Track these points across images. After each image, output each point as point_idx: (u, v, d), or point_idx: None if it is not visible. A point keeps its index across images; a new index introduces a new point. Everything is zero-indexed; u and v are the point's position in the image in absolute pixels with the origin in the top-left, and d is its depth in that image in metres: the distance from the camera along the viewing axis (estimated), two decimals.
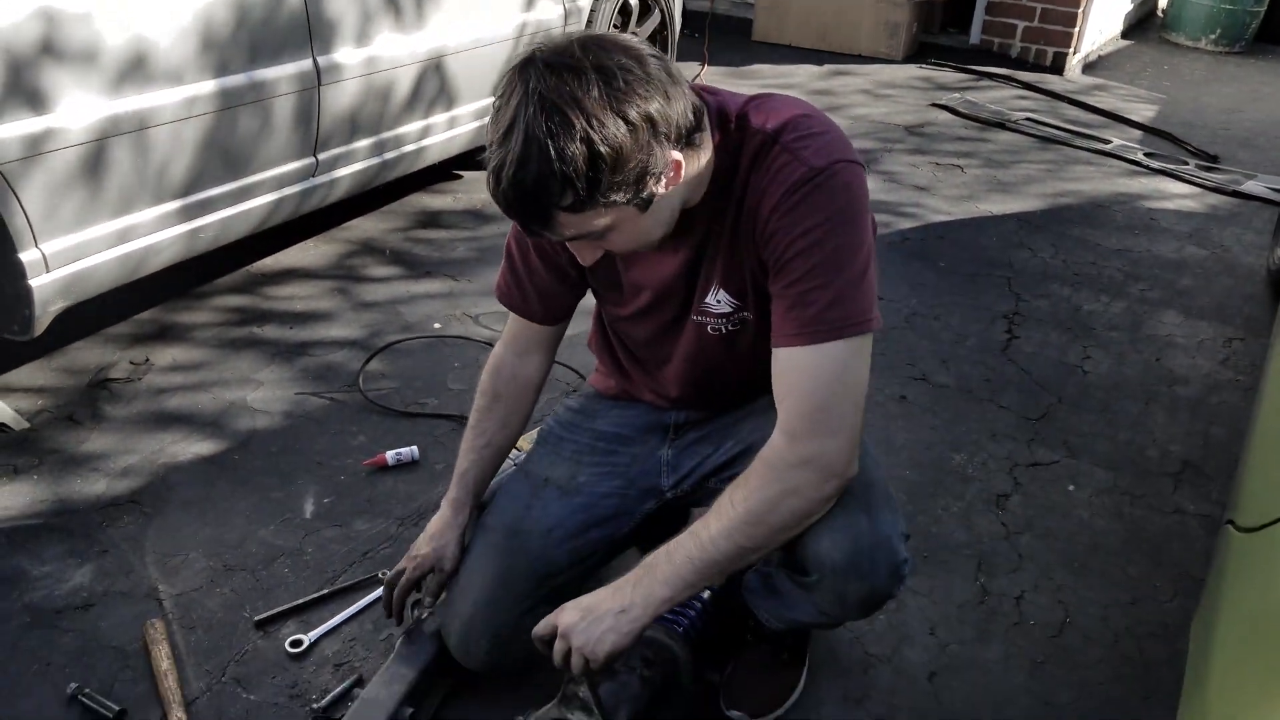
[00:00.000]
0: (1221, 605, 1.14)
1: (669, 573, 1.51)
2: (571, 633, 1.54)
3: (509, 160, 1.30)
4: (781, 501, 1.48)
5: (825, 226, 1.44)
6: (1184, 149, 5.50)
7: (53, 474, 2.53)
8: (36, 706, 1.90)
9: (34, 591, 2.17)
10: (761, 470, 1.49)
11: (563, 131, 1.27)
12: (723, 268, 1.59)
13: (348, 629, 2.10)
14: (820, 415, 1.46)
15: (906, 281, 3.73)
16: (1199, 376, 3.18)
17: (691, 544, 1.51)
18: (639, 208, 1.40)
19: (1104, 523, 2.49)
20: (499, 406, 1.89)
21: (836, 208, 1.44)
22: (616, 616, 1.52)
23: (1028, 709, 1.96)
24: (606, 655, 1.52)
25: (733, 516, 1.48)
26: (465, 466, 1.90)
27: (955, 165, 5.01)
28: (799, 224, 1.44)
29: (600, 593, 1.57)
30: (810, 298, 1.45)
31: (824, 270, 1.44)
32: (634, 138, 1.31)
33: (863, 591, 1.61)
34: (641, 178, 1.35)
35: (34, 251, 2.41)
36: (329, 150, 3.23)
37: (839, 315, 1.44)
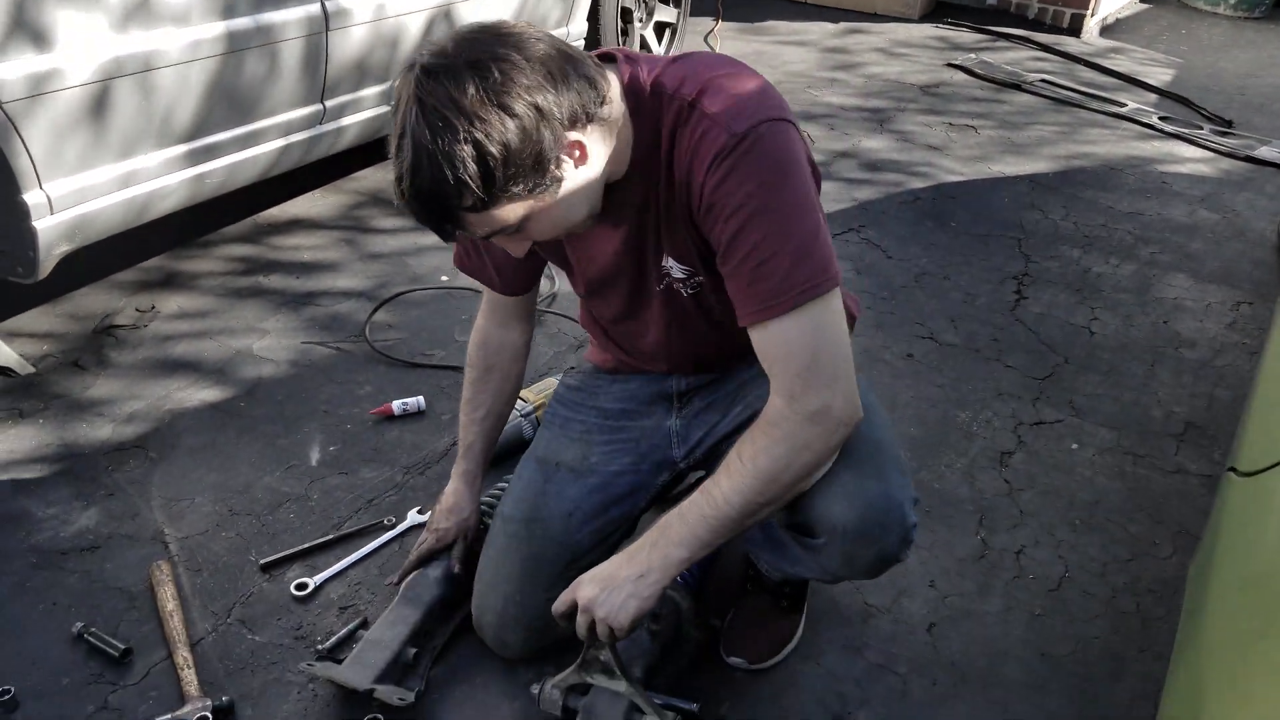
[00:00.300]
0: (1219, 548, 1.15)
1: (684, 533, 1.51)
2: (594, 606, 1.55)
3: (404, 171, 1.30)
4: (794, 458, 1.46)
5: (761, 195, 1.39)
6: (1199, 113, 5.45)
7: (58, 418, 2.54)
8: (43, 645, 1.92)
9: (40, 533, 2.18)
10: (768, 430, 1.47)
11: (447, 136, 1.25)
12: (667, 239, 1.56)
13: (353, 573, 2.12)
14: (812, 373, 1.44)
15: (917, 241, 3.72)
16: (1206, 339, 3.17)
17: (704, 503, 1.51)
18: (546, 194, 1.37)
19: (1106, 481, 2.49)
20: (492, 377, 1.95)
21: (767, 172, 1.39)
22: (636, 583, 1.53)
23: (1025, 660, 1.97)
24: (631, 622, 1.54)
25: (744, 475, 1.48)
26: (470, 439, 1.96)
27: (969, 126, 4.97)
28: (732, 197, 1.39)
29: (615, 561, 1.57)
30: (765, 270, 1.41)
31: (772, 239, 1.40)
32: (521, 129, 1.28)
33: (871, 556, 1.61)
34: (540, 167, 1.32)
35: (38, 193, 2.40)
36: (336, 97, 3.21)
37: (800, 279, 1.40)
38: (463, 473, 1.97)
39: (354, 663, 1.79)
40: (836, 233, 3.73)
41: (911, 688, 1.91)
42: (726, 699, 1.86)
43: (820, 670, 1.93)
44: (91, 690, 1.84)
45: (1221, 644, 1.02)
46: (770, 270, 1.40)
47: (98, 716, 1.79)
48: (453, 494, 1.97)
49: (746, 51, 5.98)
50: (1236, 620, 1.03)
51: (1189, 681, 1.03)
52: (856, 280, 3.40)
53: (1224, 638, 1.02)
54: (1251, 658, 0.97)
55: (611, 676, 1.66)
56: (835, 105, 5.16)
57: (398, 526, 2.24)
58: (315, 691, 1.84)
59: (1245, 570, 1.10)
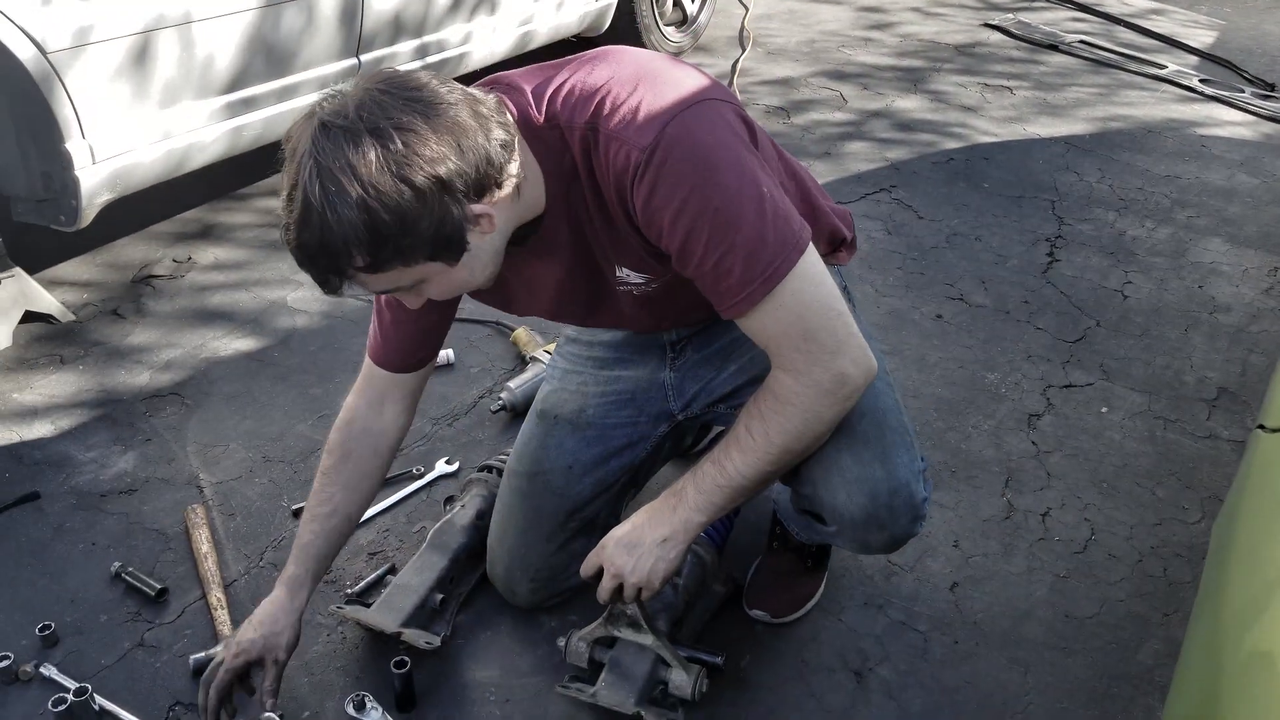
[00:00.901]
0: (1244, 503, 1.15)
1: (700, 501, 1.53)
2: (623, 571, 1.58)
3: (292, 223, 1.24)
4: (807, 429, 1.46)
5: (693, 198, 1.33)
6: (1241, 76, 5.34)
7: (98, 365, 2.59)
8: (82, 584, 1.98)
9: (80, 476, 2.23)
10: (775, 405, 1.45)
11: (339, 200, 1.20)
12: (615, 253, 1.51)
13: (381, 520, 2.16)
14: (812, 346, 1.40)
15: (950, 202, 3.69)
16: (1241, 304, 3.13)
17: (717, 473, 1.51)
18: (447, 262, 1.31)
19: (1135, 445, 2.48)
20: (346, 467, 1.73)
21: (690, 173, 1.33)
22: (661, 545, 1.55)
23: (1047, 621, 1.98)
24: (661, 583, 1.58)
25: (755, 448, 1.47)
26: (307, 539, 1.71)
27: (1005, 87, 4.91)
28: (665, 211, 1.34)
29: (637, 523, 1.59)
30: (723, 270, 1.37)
31: (718, 239, 1.35)
32: (421, 202, 1.22)
33: (883, 538, 1.63)
34: (440, 238, 1.27)
35: (81, 142, 2.44)
36: (372, 51, 3.22)
37: (760, 269, 1.36)
38: (288, 579, 1.68)
39: (382, 606, 1.83)
40: (868, 192, 3.71)
41: (932, 645, 1.92)
42: (749, 651, 1.88)
43: (842, 626, 1.95)
44: (128, 628, 1.89)
45: (1242, 596, 1.02)
46: (728, 268, 1.36)
47: (134, 653, 1.84)
48: (269, 603, 1.67)
49: (780, 9, 5.93)
50: (1258, 572, 1.04)
51: (1208, 635, 1.04)
52: (887, 240, 3.39)
53: (1245, 590, 1.03)
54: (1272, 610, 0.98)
55: (637, 630, 1.69)
56: (869, 65, 5.10)
57: (426, 476, 2.27)
58: (344, 634, 1.88)
59: (1269, 523, 1.10)
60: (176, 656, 1.83)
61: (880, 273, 3.18)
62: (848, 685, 1.83)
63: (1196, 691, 1.02)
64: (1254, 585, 1.03)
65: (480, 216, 1.30)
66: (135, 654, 1.84)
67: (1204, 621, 1.08)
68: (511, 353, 2.71)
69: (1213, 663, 0.99)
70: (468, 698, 1.79)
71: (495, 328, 2.81)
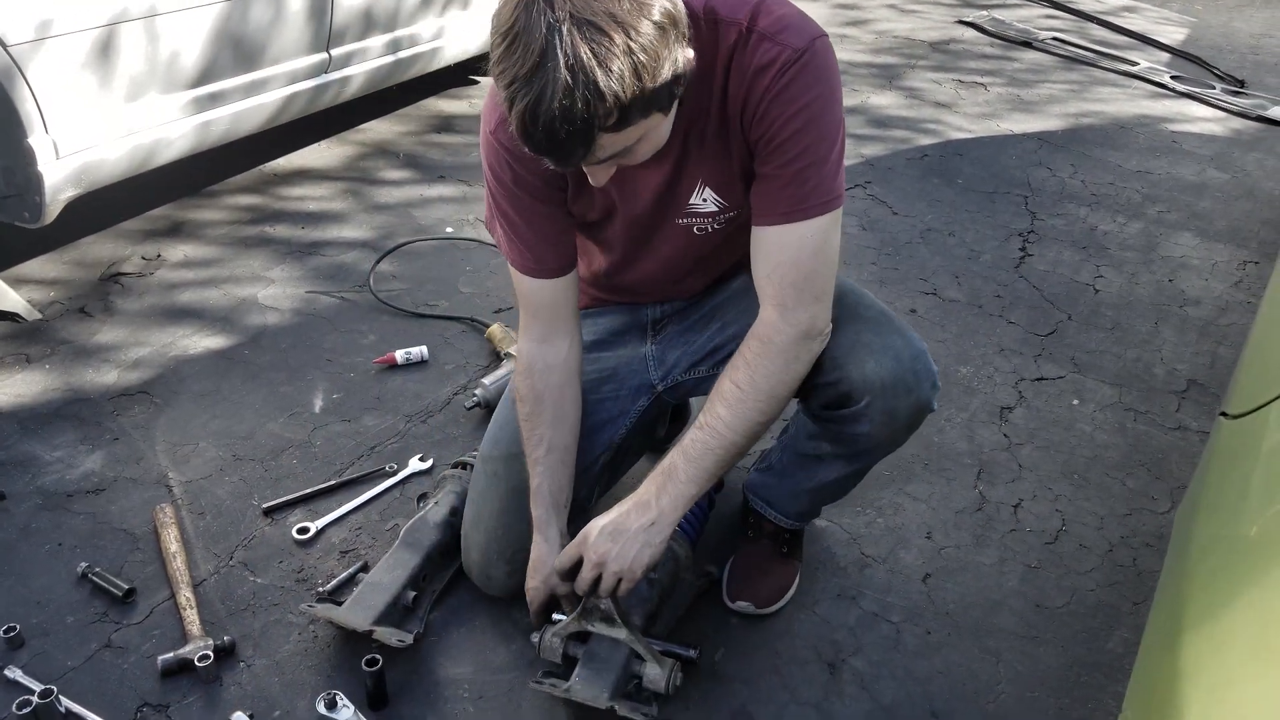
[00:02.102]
0: (1206, 489, 1.16)
1: (692, 471, 1.56)
2: (606, 560, 1.58)
3: (550, 93, 1.20)
4: (788, 373, 1.55)
5: (816, 105, 1.45)
6: (1212, 73, 5.40)
7: (64, 363, 2.56)
8: (48, 585, 1.95)
9: (46, 475, 2.21)
10: (760, 348, 1.55)
11: (606, 49, 1.20)
12: (709, 166, 1.58)
13: (354, 518, 2.14)
14: (808, 284, 1.52)
15: (923, 198, 3.70)
16: (1211, 298, 3.16)
17: (707, 437, 1.56)
18: (664, 112, 1.36)
19: (1106, 437, 2.50)
20: (544, 408, 1.76)
21: (823, 85, 1.45)
22: (646, 531, 1.57)
23: (1019, 611, 1.99)
24: (644, 571, 1.59)
25: (743, 398, 1.54)
26: (537, 483, 1.77)
27: (979, 83, 4.93)
28: (793, 103, 1.44)
29: (622, 510, 1.60)
30: (805, 175, 1.47)
31: (817, 148, 1.46)
32: (663, 40, 1.26)
33: (910, 405, 1.67)
34: (674, 80, 1.31)
35: (44, 137, 2.41)
36: (342, 46, 3.20)
37: (827, 190, 1.49)
38: (537, 521, 1.77)
39: (354, 604, 1.81)
40: None
41: (905, 636, 1.93)
42: (722, 645, 1.88)
43: (815, 618, 1.95)
44: (95, 629, 1.86)
45: (1202, 579, 1.03)
46: (808, 176, 1.47)
47: (101, 654, 1.81)
48: (534, 550, 1.78)
49: None
50: (1218, 557, 1.04)
51: (1169, 619, 1.05)
52: (861, 236, 3.39)
53: (1205, 573, 1.03)
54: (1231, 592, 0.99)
55: (611, 624, 1.68)
56: (844, 61, 5.11)
57: (399, 474, 2.25)
58: (315, 632, 1.87)
59: (1229, 507, 1.11)
60: (145, 657, 1.80)
61: (855, 268, 3.19)
62: (821, 677, 1.83)
63: (1157, 675, 1.03)
64: (1214, 567, 1.03)
65: (689, 62, 1.35)
66: (102, 655, 1.82)
67: (1165, 606, 1.08)
68: (486, 349, 2.70)
69: (1172, 647, 1.00)
70: (440, 695, 1.78)
71: (470, 324, 2.79)
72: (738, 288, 1.83)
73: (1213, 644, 0.94)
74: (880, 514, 2.21)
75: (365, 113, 4.08)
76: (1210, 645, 0.95)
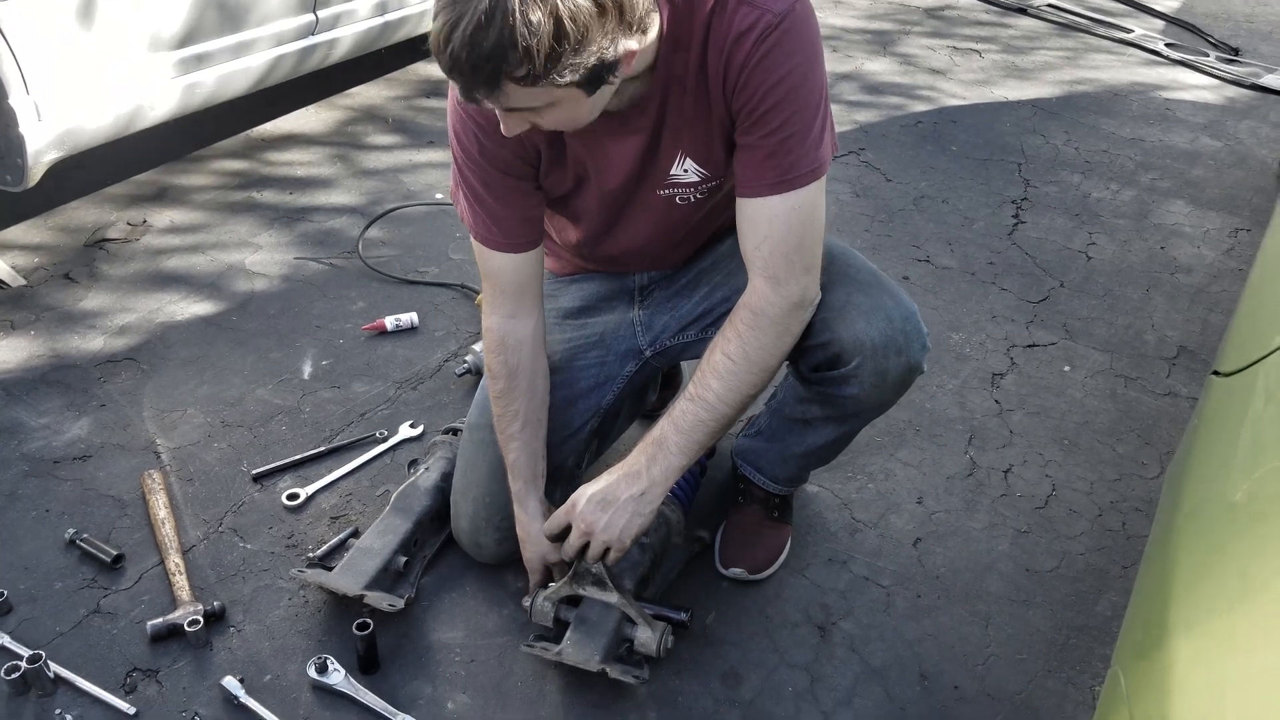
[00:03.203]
0: (1196, 446, 1.16)
1: (682, 442, 1.57)
2: (595, 528, 1.59)
3: (468, 20, 1.20)
4: (779, 344, 1.55)
5: (798, 73, 1.42)
6: (1206, 41, 5.37)
7: (50, 330, 2.54)
8: (35, 551, 1.94)
9: (32, 442, 2.19)
10: (752, 320, 1.54)
11: (534, 2, 1.19)
12: (688, 136, 1.55)
13: (344, 484, 2.13)
14: (798, 255, 1.51)
15: (917, 165, 3.68)
16: (1202, 265, 3.15)
17: (698, 409, 1.56)
18: (586, 91, 1.33)
19: (1096, 403, 2.50)
20: (517, 381, 1.76)
21: (805, 51, 1.43)
22: (636, 501, 1.58)
23: (1008, 574, 1.99)
24: (632, 541, 1.60)
25: (735, 370, 1.54)
26: (514, 457, 1.78)
27: (973, 50, 4.90)
28: (773, 72, 1.42)
29: (611, 479, 1.60)
30: (789, 145, 1.46)
31: (800, 117, 1.45)
32: (601, 22, 1.25)
33: (901, 366, 1.66)
34: (599, 63, 1.29)
35: (25, 98, 2.37)
36: (329, 7, 3.16)
37: (813, 160, 1.47)
38: (515, 494, 1.80)
39: (345, 569, 1.81)
40: (836, 156, 3.68)
41: (895, 600, 1.93)
42: (714, 609, 1.88)
43: (806, 582, 1.95)
44: (84, 595, 1.86)
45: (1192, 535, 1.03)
46: (792, 146, 1.45)
47: (90, 620, 1.81)
48: (519, 526, 1.81)
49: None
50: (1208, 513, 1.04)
51: (1159, 576, 1.05)
52: (855, 202, 3.38)
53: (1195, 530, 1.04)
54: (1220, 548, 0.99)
55: (603, 588, 1.68)
56: (838, 27, 5.08)
57: (389, 440, 2.24)
58: (306, 598, 1.86)
59: (1219, 462, 1.11)
60: (133, 623, 1.80)
61: (848, 235, 3.17)
62: (811, 640, 1.84)
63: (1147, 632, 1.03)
64: (1203, 522, 1.03)
65: (629, 54, 1.33)
66: (91, 620, 1.81)
67: (1155, 563, 1.09)
68: (476, 316, 2.68)
69: (1162, 601, 1.00)
70: (432, 659, 1.78)
71: (460, 290, 2.78)
72: (724, 251, 1.82)
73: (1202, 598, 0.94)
74: (871, 479, 2.21)
75: (353, 77, 4.03)
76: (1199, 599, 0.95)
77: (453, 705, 1.70)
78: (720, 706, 1.72)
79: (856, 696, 1.74)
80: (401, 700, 1.69)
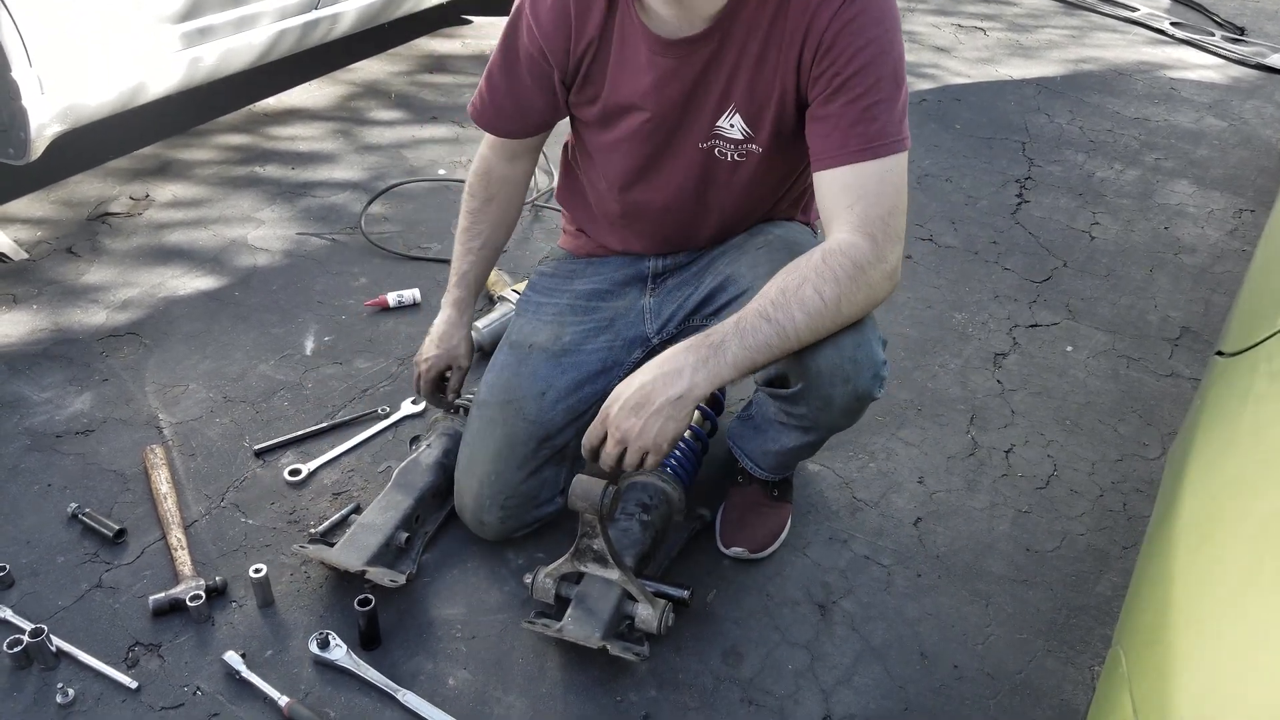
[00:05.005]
0: (1199, 425, 1.16)
1: (742, 357, 1.44)
2: (629, 436, 1.47)
3: None
4: (858, 296, 1.45)
5: (886, 38, 1.41)
6: (1211, 20, 5.34)
7: (52, 304, 2.53)
8: (38, 525, 1.94)
9: (34, 416, 2.19)
10: (854, 272, 1.43)
11: None
12: (746, 86, 1.54)
13: (346, 460, 2.13)
14: (893, 220, 1.44)
15: (921, 143, 3.67)
16: (1206, 245, 3.14)
17: (773, 332, 1.44)
18: None
19: (1099, 383, 2.49)
20: (492, 207, 1.90)
21: (889, 19, 1.42)
22: (673, 404, 1.45)
23: (1009, 554, 2.00)
24: (669, 446, 1.49)
25: (824, 313, 1.44)
26: (465, 267, 1.93)
27: (978, 28, 4.87)
28: (861, 35, 1.41)
29: (647, 378, 1.47)
30: (876, 111, 1.43)
31: (887, 84, 1.43)
32: None
33: (848, 394, 1.59)
34: None
35: (28, 71, 2.36)
36: None
37: (901, 128, 1.45)
38: (455, 300, 1.95)
39: (346, 545, 1.81)
40: None
41: (895, 579, 1.93)
42: (714, 586, 1.89)
43: (806, 560, 1.96)
44: (86, 569, 1.86)
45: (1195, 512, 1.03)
46: (880, 112, 1.42)
47: (92, 594, 1.81)
48: (444, 322, 1.95)
49: None
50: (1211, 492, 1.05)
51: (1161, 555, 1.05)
52: None
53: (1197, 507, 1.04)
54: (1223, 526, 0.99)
55: (604, 565, 1.68)
56: None
57: (391, 416, 2.25)
58: (308, 573, 1.87)
59: (1222, 442, 1.11)
60: (136, 597, 1.80)
61: None
62: (812, 618, 1.84)
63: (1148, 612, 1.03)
64: (1206, 501, 1.04)
65: None
66: (93, 595, 1.82)
67: (1157, 543, 1.09)
68: None
69: (1164, 584, 1.00)
70: (433, 635, 1.78)
71: None
72: (736, 242, 1.82)
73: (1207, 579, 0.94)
74: (872, 459, 2.21)
75: (356, 52, 4.02)
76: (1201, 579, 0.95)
77: (453, 681, 1.71)
78: (720, 684, 1.72)
79: (856, 675, 1.75)
80: (402, 676, 1.70)
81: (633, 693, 1.70)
